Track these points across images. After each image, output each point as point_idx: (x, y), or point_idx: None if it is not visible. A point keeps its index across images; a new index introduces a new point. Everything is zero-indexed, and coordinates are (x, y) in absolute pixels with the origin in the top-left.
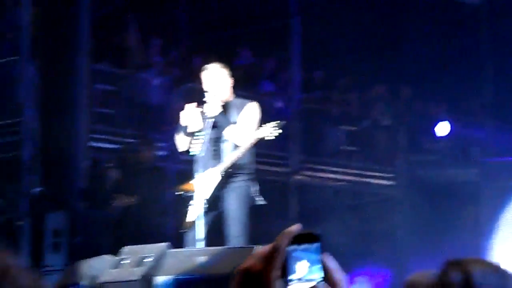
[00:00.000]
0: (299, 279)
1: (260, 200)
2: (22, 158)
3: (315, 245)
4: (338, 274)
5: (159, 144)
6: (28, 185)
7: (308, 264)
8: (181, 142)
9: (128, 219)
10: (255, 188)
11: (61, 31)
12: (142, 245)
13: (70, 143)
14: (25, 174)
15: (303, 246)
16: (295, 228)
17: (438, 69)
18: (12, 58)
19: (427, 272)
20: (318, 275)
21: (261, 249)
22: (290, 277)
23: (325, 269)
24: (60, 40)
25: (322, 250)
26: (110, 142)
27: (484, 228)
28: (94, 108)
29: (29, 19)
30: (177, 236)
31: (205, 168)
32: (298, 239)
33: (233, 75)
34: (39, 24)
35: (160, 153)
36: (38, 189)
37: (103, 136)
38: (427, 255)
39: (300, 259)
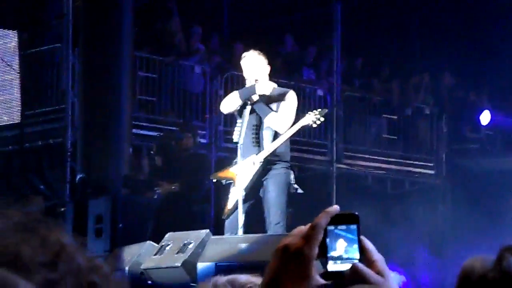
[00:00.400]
0: (337, 258)
1: (298, 189)
2: (65, 144)
3: (354, 226)
4: (376, 255)
5: (200, 132)
6: (71, 171)
7: (346, 244)
8: (232, 103)
9: (169, 206)
10: (292, 176)
11: (104, 19)
12: (184, 232)
13: (112, 130)
14: (68, 160)
15: (341, 227)
16: (334, 208)
17: (480, 57)
18: (55, 45)
19: (483, 258)
20: (356, 255)
21: (300, 227)
22: (329, 255)
23: (363, 250)
24: (103, 28)
25: (360, 231)
26: (152, 129)
27: None
28: (136, 95)
29: (72, 7)
30: (217, 223)
31: (245, 155)
32: (337, 220)
33: (275, 62)
34: (82, 11)
35: (202, 140)
36: (81, 176)
37: (145, 123)
38: (469, 243)
39: (338, 238)
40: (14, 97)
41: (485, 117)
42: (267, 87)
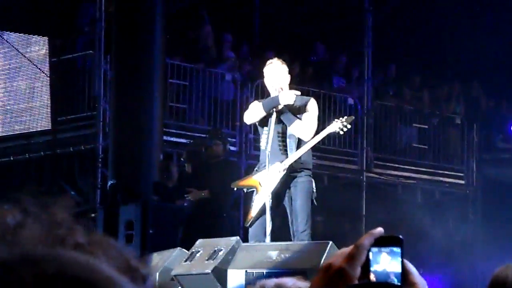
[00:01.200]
0: (379, 281)
1: (315, 199)
2: (96, 151)
3: (397, 248)
4: (417, 278)
5: (230, 139)
6: (102, 177)
7: (388, 266)
8: (256, 114)
9: (199, 213)
10: (314, 185)
11: (136, 25)
12: (214, 239)
13: (143, 137)
14: (99, 166)
15: (385, 249)
16: (379, 230)
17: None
18: (88, 52)
19: None
20: (397, 277)
21: (345, 249)
22: (371, 276)
23: (405, 273)
24: (135, 34)
25: (403, 254)
26: (182, 136)
27: None
28: (167, 103)
29: (105, 13)
30: (246, 230)
31: (271, 162)
32: (381, 241)
33: (306, 70)
34: (115, 18)
35: (232, 148)
36: (112, 182)
37: (175, 131)
38: (499, 254)
39: (381, 260)
40: (45, 104)
41: None
42: (291, 96)
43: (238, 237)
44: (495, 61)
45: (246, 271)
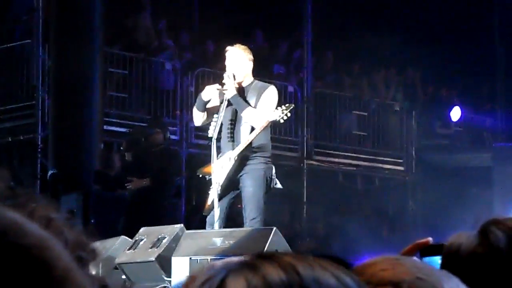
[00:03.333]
0: None
1: (277, 184)
2: (36, 140)
3: (437, 257)
4: None
5: (171, 128)
6: (42, 167)
7: None
8: (197, 116)
9: (140, 201)
10: (272, 172)
11: (74, 14)
12: (158, 227)
13: (83, 126)
14: (39, 156)
15: (427, 258)
16: (426, 240)
17: (449, 54)
18: (26, 41)
19: (468, 233)
20: None
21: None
22: None
23: None
24: (73, 23)
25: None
26: (123, 125)
27: (497, 212)
28: (107, 92)
29: (42, 2)
30: (188, 218)
31: (222, 150)
32: (428, 251)
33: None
34: (53, 7)
35: (173, 137)
36: (52, 172)
37: (116, 120)
38: (438, 240)
39: None
40: None
41: (455, 114)
42: (232, 90)
43: (182, 225)
44: (435, 48)
45: (190, 258)
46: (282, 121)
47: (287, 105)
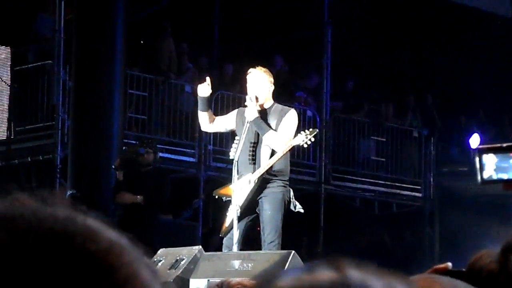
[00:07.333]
0: None
1: (296, 206)
2: (55, 161)
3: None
4: None
5: (190, 151)
6: (60, 188)
7: None
8: (202, 118)
9: (130, 217)
10: (291, 194)
11: (96, 35)
12: (176, 248)
13: (103, 147)
14: (58, 177)
15: None
16: (445, 265)
17: (470, 81)
18: (47, 61)
19: (488, 254)
20: None
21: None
22: None
23: None
24: (94, 45)
25: None
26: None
27: None
28: (127, 113)
29: (64, 23)
30: (204, 239)
31: (241, 172)
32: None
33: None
34: (74, 27)
35: (190, 159)
36: (70, 192)
37: (135, 142)
38: (455, 268)
39: None
40: (3, 113)
41: (474, 140)
42: (253, 112)
43: (200, 246)
44: (454, 75)
45: (208, 280)
46: (305, 145)
47: (310, 129)
